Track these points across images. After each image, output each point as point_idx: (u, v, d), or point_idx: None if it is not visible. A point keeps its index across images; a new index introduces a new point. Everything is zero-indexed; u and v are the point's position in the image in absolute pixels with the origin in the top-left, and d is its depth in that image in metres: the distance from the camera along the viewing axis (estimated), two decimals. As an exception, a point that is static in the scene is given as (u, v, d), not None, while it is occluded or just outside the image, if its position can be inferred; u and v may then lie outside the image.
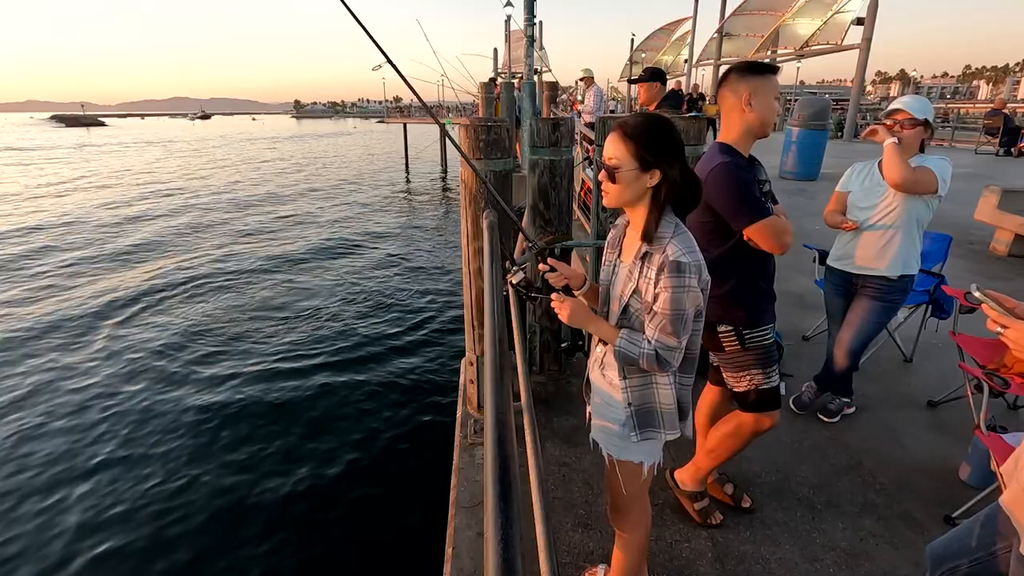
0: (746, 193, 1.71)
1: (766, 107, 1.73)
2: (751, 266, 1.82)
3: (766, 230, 1.70)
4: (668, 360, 1.31)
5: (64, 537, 4.04)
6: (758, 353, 1.86)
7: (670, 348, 1.30)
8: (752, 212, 1.70)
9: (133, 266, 10.96)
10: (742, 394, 1.92)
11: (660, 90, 4.33)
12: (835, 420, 2.74)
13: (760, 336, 1.85)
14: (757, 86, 1.72)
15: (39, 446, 5.09)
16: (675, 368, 1.35)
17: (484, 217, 2.26)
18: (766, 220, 1.69)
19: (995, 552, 1.20)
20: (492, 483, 0.84)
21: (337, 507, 4.37)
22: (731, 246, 1.78)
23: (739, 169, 1.73)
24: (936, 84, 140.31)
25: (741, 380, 1.90)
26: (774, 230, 1.70)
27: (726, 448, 2.02)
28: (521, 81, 9.56)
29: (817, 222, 6.25)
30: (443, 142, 27.03)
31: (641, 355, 1.32)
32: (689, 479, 2.16)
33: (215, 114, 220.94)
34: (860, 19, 15.90)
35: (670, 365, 1.32)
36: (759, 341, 1.85)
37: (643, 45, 31.02)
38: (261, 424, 5.45)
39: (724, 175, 1.70)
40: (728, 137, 1.81)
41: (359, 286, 9.83)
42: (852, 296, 2.66)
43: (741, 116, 1.76)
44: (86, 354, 6.99)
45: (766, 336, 1.87)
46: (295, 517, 4.26)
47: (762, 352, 1.86)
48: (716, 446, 2.04)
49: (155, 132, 77.07)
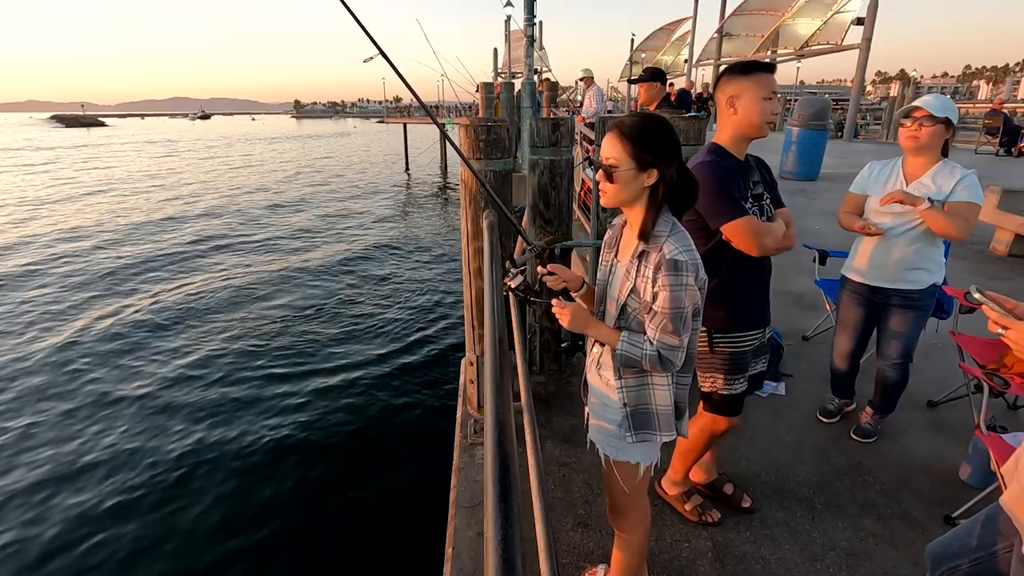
0: (722, 192, 1.71)
1: (750, 109, 1.71)
2: (734, 269, 1.80)
3: (739, 229, 1.70)
4: (671, 360, 1.31)
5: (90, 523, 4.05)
6: (724, 358, 1.85)
7: (672, 347, 1.30)
8: (727, 211, 1.70)
9: (135, 266, 10.97)
10: (706, 393, 1.94)
11: (660, 90, 4.33)
12: (871, 440, 2.63)
13: (730, 342, 1.84)
14: (743, 87, 1.71)
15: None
16: (678, 367, 1.35)
17: (484, 217, 2.26)
18: (740, 220, 1.69)
19: (995, 552, 1.20)
20: (492, 483, 0.84)
21: (337, 507, 4.37)
22: (714, 246, 1.78)
23: (719, 168, 1.73)
24: (936, 84, 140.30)
25: (705, 380, 1.92)
26: (748, 230, 1.70)
27: (693, 448, 2.03)
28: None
29: (817, 222, 6.26)
30: (443, 142, 27.05)
31: (644, 356, 1.32)
32: (669, 486, 2.20)
33: (215, 114, 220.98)
34: (860, 19, 15.88)
35: (673, 365, 1.32)
36: (728, 347, 1.84)
37: (643, 45, 31.02)
38: (261, 424, 5.45)
39: (702, 173, 1.70)
40: (719, 138, 1.82)
41: (359, 286, 9.84)
42: (875, 307, 2.52)
43: (728, 118, 1.77)
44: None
45: (738, 343, 1.84)
46: (295, 517, 4.26)
47: (729, 358, 1.85)
48: (686, 447, 2.06)
49: (157, 132, 76.91)
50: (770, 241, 1.74)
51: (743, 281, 1.83)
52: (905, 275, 2.36)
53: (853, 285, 2.56)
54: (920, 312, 2.44)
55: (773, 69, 1.73)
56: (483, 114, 12.94)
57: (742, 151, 1.81)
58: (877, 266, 2.43)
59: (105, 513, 4.27)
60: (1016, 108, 20.16)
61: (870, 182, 2.46)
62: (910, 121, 2.24)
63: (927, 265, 2.35)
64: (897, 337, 2.47)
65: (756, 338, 1.90)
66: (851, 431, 2.67)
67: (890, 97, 26.81)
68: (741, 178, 1.78)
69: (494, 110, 12.47)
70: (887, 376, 2.56)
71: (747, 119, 1.72)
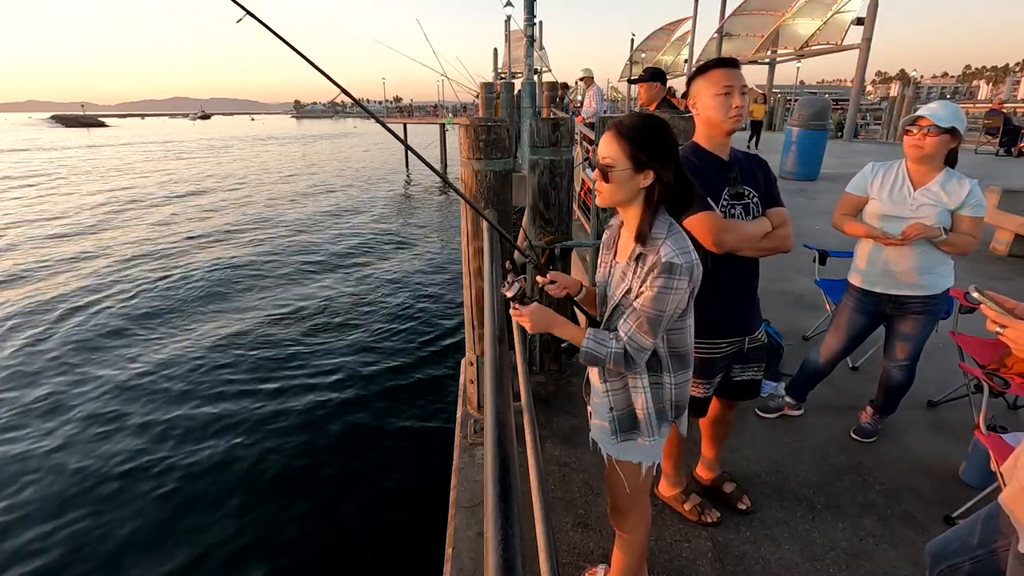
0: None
1: (706, 105, 1.73)
2: (711, 274, 1.71)
3: (697, 223, 1.70)
4: (636, 360, 1.31)
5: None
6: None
7: (641, 348, 1.29)
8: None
9: (132, 267, 10.96)
10: None
11: (660, 90, 4.33)
12: (871, 440, 2.63)
13: (699, 348, 1.77)
14: (698, 87, 1.74)
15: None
16: (640, 368, 1.34)
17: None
18: (699, 214, 1.69)
19: (995, 550, 1.20)
20: (492, 483, 0.84)
21: (337, 507, 4.37)
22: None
23: (686, 164, 1.73)
24: (936, 84, 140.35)
25: None
26: (706, 224, 1.70)
27: (668, 443, 2.04)
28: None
29: (817, 222, 6.26)
30: (443, 142, 27.09)
31: (608, 354, 1.31)
32: (664, 487, 2.21)
33: (215, 114, 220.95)
34: (860, 19, 15.89)
35: (636, 365, 1.32)
36: (697, 352, 1.77)
37: (643, 45, 31.03)
38: (261, 424, 5.45)
39: None
40: (695, 136, 1.84)
41: (358, 286, 9.84)
42: (879, 315, 2.48)
43: (696, 117, 1.79)
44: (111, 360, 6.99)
45: (707, 351, 1.83)
46: (294, 517, 4.27)
47: (696, 363, 1.82)
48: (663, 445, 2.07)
49: (159, 132, 76.82)
50: (732, 238, 1.72)
51: (716, 286, 1.76)
52: (923, 280, 2.31)
53: (863, 295, 2.47)
54: (933, 316, 2.42)
55: (733, 64, 1.72)
56: (483, 114, 12.95)
57: (721, 148, 1.79)
58: (893, 273, 2.35)
59: (103, 515, 4.28)
60: (1016, 108, 20.15)
61: (874, 187, 2.37)
62: (915, 129, 2.18)
63: (941, 269, 2.33)
64: (908, 340, 2.45)
65: (732, 346, 1.88)
66: (851, 431, 2.67)
67: (890, 97, 26.80)
68: (716, 175, 1.77)
69: (494, 110, 12.47)
70: (893, 377, 2.54)
71: (706, 115, 1.74)
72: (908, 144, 2.23)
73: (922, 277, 2.31)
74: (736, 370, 1.96)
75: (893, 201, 2.30)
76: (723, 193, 1.77)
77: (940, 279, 2.34)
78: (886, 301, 2.42)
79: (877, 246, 2.37)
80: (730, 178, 1.79)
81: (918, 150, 2.19)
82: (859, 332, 2.56)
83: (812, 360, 2.72)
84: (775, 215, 1.84)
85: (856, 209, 2.45)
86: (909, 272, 2.32)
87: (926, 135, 2.15)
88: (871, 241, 2.39)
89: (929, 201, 2.22)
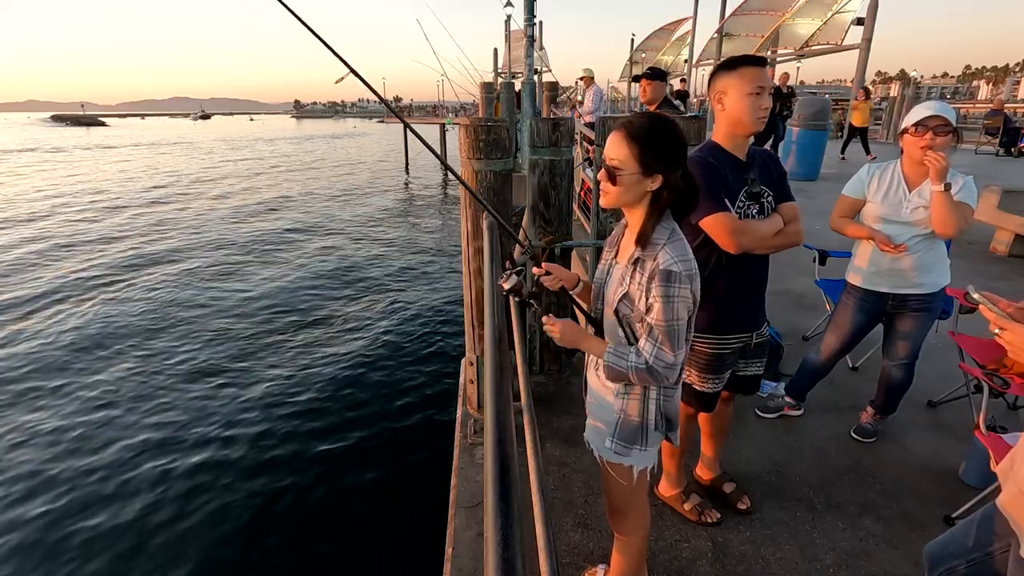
0: (703, 187, 1.71)
1: (736, 104, 1.68)
2: (722, 270, 1.78)
3: (713, 224, 1.70)
4: (664, 375, 1.27)
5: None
6: (702, 357, 1.86)
7: (668, 364, 1.26)
8: (704, 207, 1.69)
9: (135, 267, 10.97)
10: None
11: (663, 89, 4.41)
12: (871, 440, 2.63)
13: (709, 343, 1.83)
14: (729, 83, 1.70)
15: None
16: (672, 383, 1.33)
17: (484, 217, 2.26)
18: (716, 215, 1.69)
19: (991, 553, 1.20)
20: (492, 483, 0.84)
21: (336, 507, 4.37)
22: (701, 244, 1.76)
23: (704, 164, 1.72)
24: (936, 84, 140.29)
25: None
26: (723, 226, 1.70)
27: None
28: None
29: (817, 222, 6.24)
30: (443, 142, 27.07)
31: (630, 369, 1.28)
32: (664, 487, 2.21)
33: (215, 114, 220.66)
34: (860, 19, 15.85)
35: (666, 380, 1.29)
36: (707, 347, 1.84)
37: (643, 45, 30.99)
38: (260, 425, 5.45)
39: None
40: (715, 135, 1.82)
41: (358, 285, 9.83)
42: (878, 314, 2.50)
43: (719, 115, 1.76)
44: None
45: (717, 346, 1.84)
46: (294, 517, 4.27)
47: (703, 358, 1.85)
48: (668, 445, 2.06)
49: (159, 133, 76.72)
50: (748, 240, 1.72)
51: (730, 283, 1.80)
52: (922, 279, 2.33)
53: (863, 294, 2.47)
54: (932, 314, 2.43)
55: (763, 63, 1.71)
56: (483, 114, 12.94)
57: (740, 148, 1.78)
58: (892, 272, 2.36)
59: (104, 512, 4.28)
60: (1016, 108, 20.14)
61: (870, 189, 2.38)
62: (923, 129, 2.14)
63: (939, 268, 2.35)
64: (907, 338, 2.46)
65: (741, 341, 1.88)
66: (851, 431, 2.67)
67: (890, 97, 26.80)
68: (734, 175, 1.76)
69: (494, 110, 12.46)
70: (893, 376, 2.55)
71: (734, 115, 1.70)
72: (917, 145, 2.18)
73: (924, 275, 2.33)
74: (740, 365, 1.96)
75: (889, 204, 2.31)
76: (740, 193, 1.77)
77: (939, 277, 2.36)
78: (886, 299, 2.43)
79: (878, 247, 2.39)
80: (748, 179, 1.79)
81: (930, 151, 2.14)
82: (858, 331, 2.57)
83: (811, 359, 2.73)
84: (786, 209, 1.85)
85: (853, 211, 2.46)
86: (908, 271, 2.33)
87: (936, 135, 2.13)
88: (870, 241, 2.40)
89: (924, 202, 2.23)
